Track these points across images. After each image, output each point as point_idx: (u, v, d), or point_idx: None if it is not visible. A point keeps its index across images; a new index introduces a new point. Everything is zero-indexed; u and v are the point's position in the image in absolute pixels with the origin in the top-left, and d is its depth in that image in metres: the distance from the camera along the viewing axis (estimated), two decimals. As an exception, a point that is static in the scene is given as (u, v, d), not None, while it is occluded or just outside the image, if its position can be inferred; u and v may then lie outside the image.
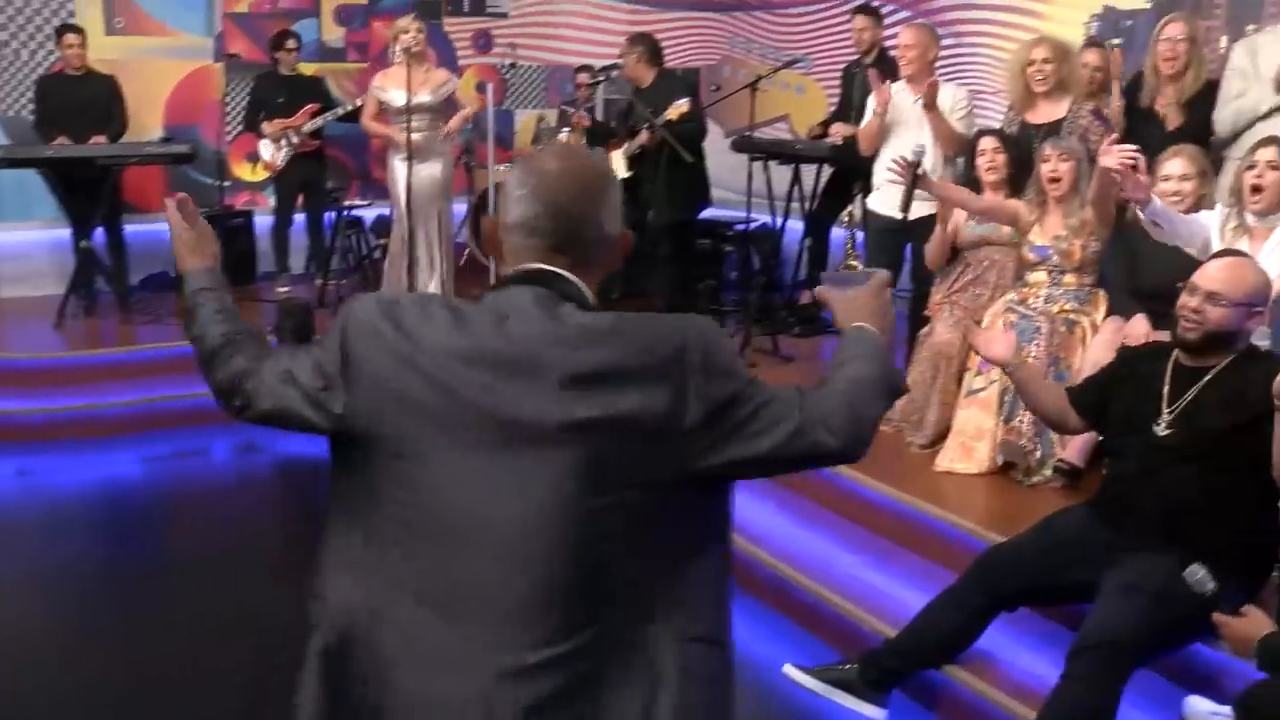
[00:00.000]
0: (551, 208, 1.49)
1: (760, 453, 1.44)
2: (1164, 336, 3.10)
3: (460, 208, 7.78)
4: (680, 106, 5.61)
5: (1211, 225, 3.58)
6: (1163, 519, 2.69)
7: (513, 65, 8.33)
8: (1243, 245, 3.47)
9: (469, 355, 1.42)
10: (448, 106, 6.33)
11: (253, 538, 4.47)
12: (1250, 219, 3.49)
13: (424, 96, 6.05)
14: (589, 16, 8.55)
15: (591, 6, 8.56)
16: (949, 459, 4.07)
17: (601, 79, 6.60)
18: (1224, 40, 4.86)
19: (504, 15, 8.57)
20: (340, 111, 6.69)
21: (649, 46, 6.03)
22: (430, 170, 6.15)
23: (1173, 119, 4.32)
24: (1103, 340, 3.86)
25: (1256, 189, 3.45)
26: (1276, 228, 3.47)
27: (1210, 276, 2.75)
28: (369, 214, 7.28)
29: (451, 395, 1.41)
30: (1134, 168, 3.35)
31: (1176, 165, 3.79)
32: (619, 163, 6.00)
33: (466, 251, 7.48)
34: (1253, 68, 4.24)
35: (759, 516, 4.05)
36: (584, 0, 8.52)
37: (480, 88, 7.59)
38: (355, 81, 7.84)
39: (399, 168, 6.17)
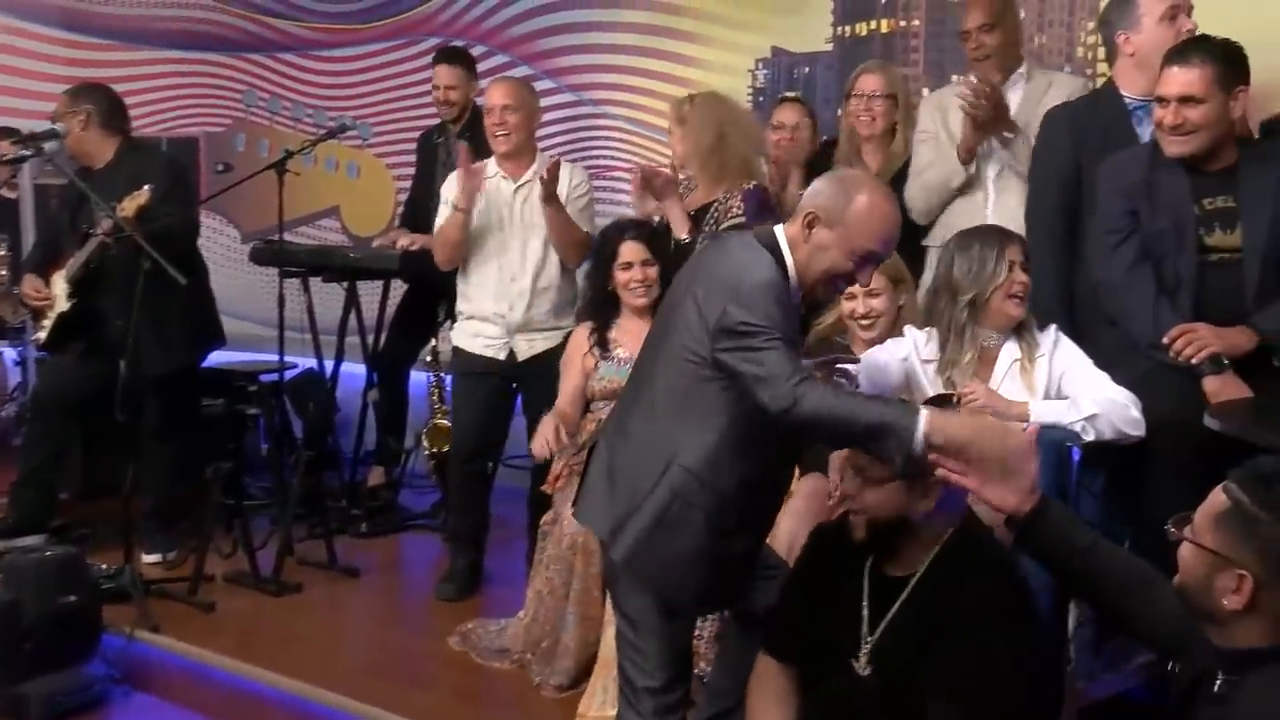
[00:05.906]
0: None
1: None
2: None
3: None
4: (138, 198, 5.34)
5: (909, 352, 3.94)
6: None
7: None
8: (967, 366, 3.85)
9: None
10: None
11: None
12: (980, 335, 3.86)
13: None
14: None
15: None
16: (598, 703, 4.14)
17: (31, 152, 6.05)
18: (926, 91, 5.52)
19: None
20: None
21: (102, 105, 5.86)
22: None
23: None
24: (795, 510, 3.95)
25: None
26: (1005, 344, 3.86)
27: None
28: None
29: None
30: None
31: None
32: (59, 288, 5.77)
33: None
34: (944, 130, 4.82)
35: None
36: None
37: None
38: None
39: None
